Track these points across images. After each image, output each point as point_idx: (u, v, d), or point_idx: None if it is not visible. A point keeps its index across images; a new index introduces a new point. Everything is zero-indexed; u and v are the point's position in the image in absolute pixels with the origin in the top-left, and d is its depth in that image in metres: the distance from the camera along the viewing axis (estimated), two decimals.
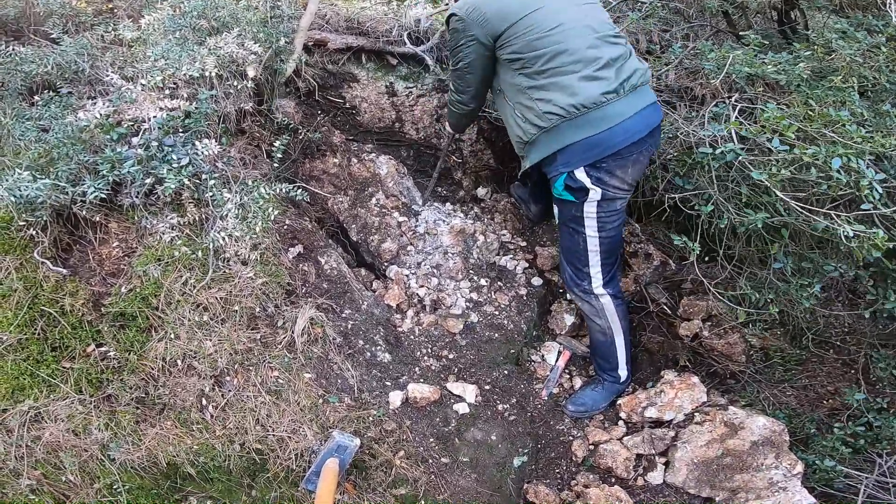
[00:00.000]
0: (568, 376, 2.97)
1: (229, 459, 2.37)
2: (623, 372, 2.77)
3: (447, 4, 3.40)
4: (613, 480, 2.51)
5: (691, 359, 2.86)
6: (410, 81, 3.48)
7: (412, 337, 2.89)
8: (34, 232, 2.33)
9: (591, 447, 2.65)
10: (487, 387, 2.81)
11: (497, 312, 2.99)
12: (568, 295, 2.94)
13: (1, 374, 2.30)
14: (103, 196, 2.31)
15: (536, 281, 3.16)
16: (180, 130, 2.46)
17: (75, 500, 2.32)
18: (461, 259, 3.08)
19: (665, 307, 2.93)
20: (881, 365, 2.53)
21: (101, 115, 2.27)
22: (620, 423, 2.73)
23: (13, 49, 2.67)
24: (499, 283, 3.10)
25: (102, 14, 3.01)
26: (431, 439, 2.60)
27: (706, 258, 2.73)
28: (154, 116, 2.34)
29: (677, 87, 3.00)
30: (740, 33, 2.95)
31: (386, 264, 3.09)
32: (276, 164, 2.79)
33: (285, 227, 2.84)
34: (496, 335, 2.93)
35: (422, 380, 2.74)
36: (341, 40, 3.31)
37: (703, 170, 2.44)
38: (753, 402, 2.68)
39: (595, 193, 2.39)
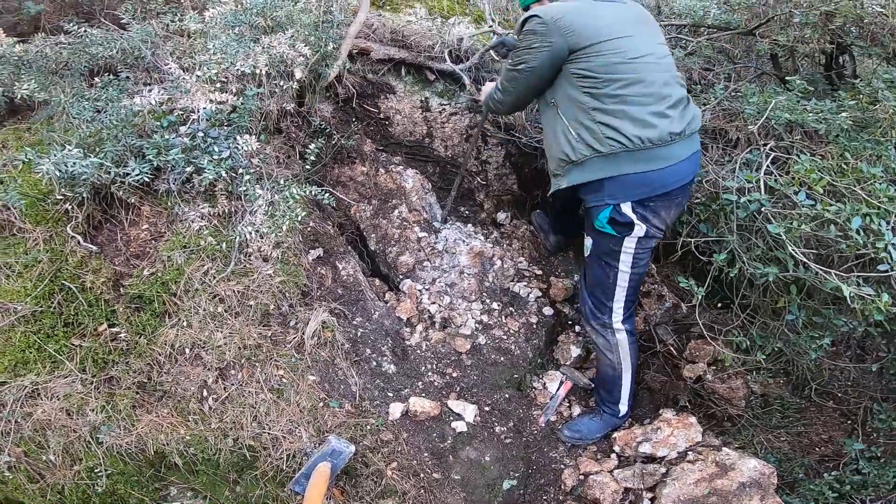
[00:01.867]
0: (567, 405, 2.99)
1: (220, 453, 2.38)
2: (623, 407, 2.78)
3: (490, 27, 3.45)
4: None
5: (691, 399, 2.87)
6: (445, 98, 3.53)
7: (419, 351, 2.92)
8: (69, 207, 2.39)
9: (581, 477, 2.66)
10: (487, 408, 2.83)
11: (505, 337, 3.02)
12: (584, 327, 2.88)
13: (7, 346, 2.30)
14: (146, 179, 2.37)
15: (548, 311, 3.19)
16: (225, 124, 2.52)
17: (51, 480, 2.30)
18: (476, 281, 3.11)
19: (672, 348, 2.94)
20: (881, 416, 2.54)
21: (155, 101, 2.33)
22: (613, 455, 2.73)
23: (84, 31, 2.74)
24: (510, 308, 3.13)
25: (170, 3, 3.06)
26: (426, 454, 2.63)
27: (718, 304, 2.75)
28: (204, 108, 2.40)
29: (712, 128, 2.98)
30: (786, 78, 2.89)
31: (401, 277, 3.13)
32: (307, 167, 2.84)
33: (308, 228, 2.88)
34: (502, 359, 2.96)
35: (424, 394, 2.77)
36: (384, 51, 3.37)
37: (726, 217, 2.43)
38: (746, 445, 2.69)
39: (640, 230, 2.38)
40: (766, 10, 3.04)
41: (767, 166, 2.35)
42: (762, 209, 2.25)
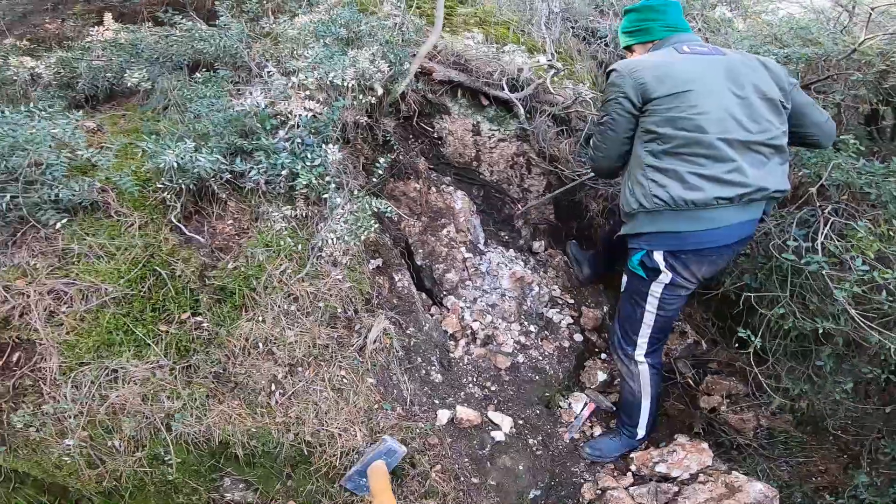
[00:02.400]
0: (590, 425, 3.22)
1: (280, 447, 2.46)
2: (641, 431, 3.01)
3: (549, 61, 3.65)
4: None
5: (704, 428, 3.12)
6: (496, 124, 3.70)
7: (461, 364, 3.10)
8: (168, 196, 2.46)
9: (599, 492, 2.88)
10: (521, 421, 3.03)
11: (541, 358, 3.23)
12: (611, 354, 3.08)
13: (94, 326, 2.31)
14: (261, 178, 2.46)
15: (578, 337, 3.42)
16: (314, 132, 2.65)
17: (111, 466, 2.30)
18: (516, 303, 3.32)
19: (690, 380, 3.20)
20: (887, 450, 2.78)
21: (261, 104, 2.44)
22: (630, 473, 2.96)
23: (192, 24, 2.81)
24: (545, 332, 3.35)
25: (260, 4, 3.13)
26: (466, 459, 2.80)
27: (736, 342, 3.02)
28: (300, 115, 2.53)
29: None
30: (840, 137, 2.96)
31: (445, 293, 3.30)
32: (374, 179, 2.99)
33: (370, 239, 3.03)
34: (537, 377, 3.17)
35: (465, 404, 2.95)
36: (445, 73, 3.52)
37: (780, 274, 2.63)
38: (750, 472, 2.94)
39: (665, 276, 2.55)
40: (827, 68, 3.15)
41: (827, 232, 2.52)
42: (823, 272, 2.43)
